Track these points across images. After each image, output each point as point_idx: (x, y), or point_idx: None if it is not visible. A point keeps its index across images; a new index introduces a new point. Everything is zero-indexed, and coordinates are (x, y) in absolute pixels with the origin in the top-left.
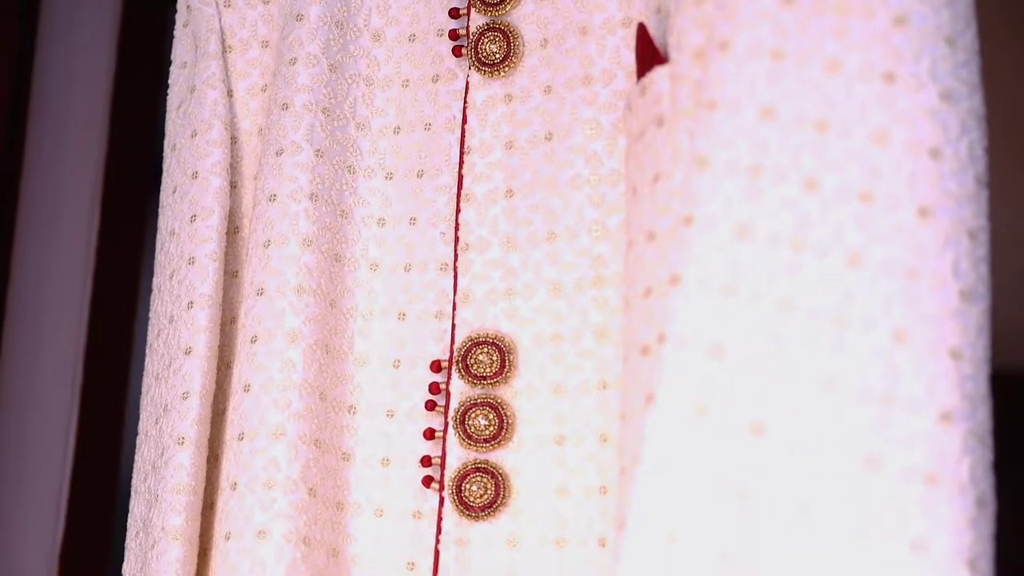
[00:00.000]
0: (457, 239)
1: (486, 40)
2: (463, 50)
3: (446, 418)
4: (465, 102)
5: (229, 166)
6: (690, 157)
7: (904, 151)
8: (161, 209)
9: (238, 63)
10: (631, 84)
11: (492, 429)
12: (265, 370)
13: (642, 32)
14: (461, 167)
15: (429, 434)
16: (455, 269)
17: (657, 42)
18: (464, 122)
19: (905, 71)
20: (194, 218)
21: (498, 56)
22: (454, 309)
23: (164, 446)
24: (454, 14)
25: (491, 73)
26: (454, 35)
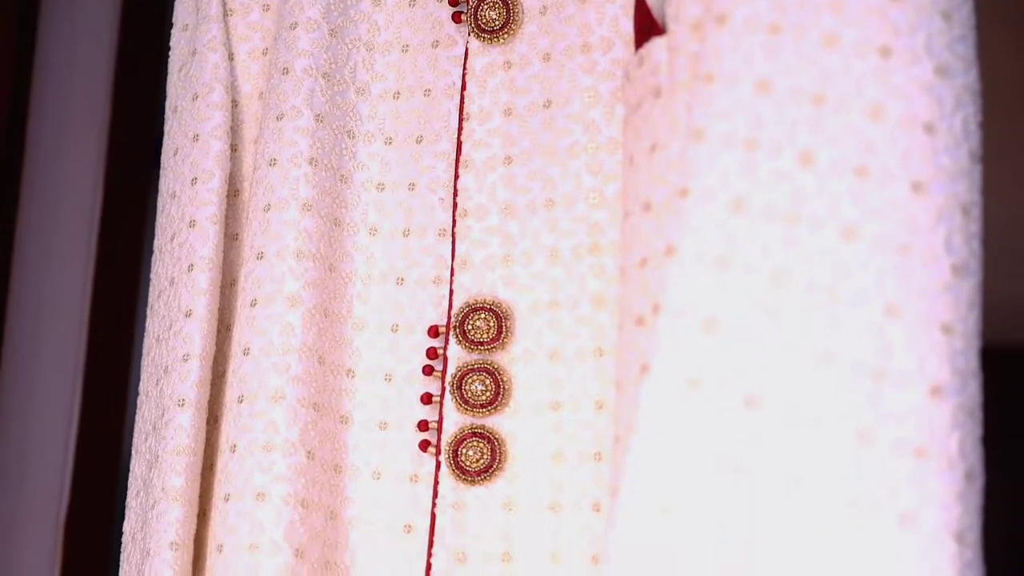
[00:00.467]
0: (455, 205)
1: (486, 6)
2: (463, 16)
3: (443, 383)
4: (464, 68)
5: (230, 129)
6: (687, 129)
7: (899, 126)
8: (162, 171)
9: (239, 26)
10: (629, 53)
11: (489, 394)
12: (265, 334)
13: (640, 2)
14: (460, 133)
15: (426, 399)
16: (453, 235)
17: (655, 12)
18: (463, 88)
19: (901, 45)
20: (195, 181)
21: (497, 23)
22: (452, 275)
23: (164, 407)
24: None
25: (490, 40)
26: (454, 1)
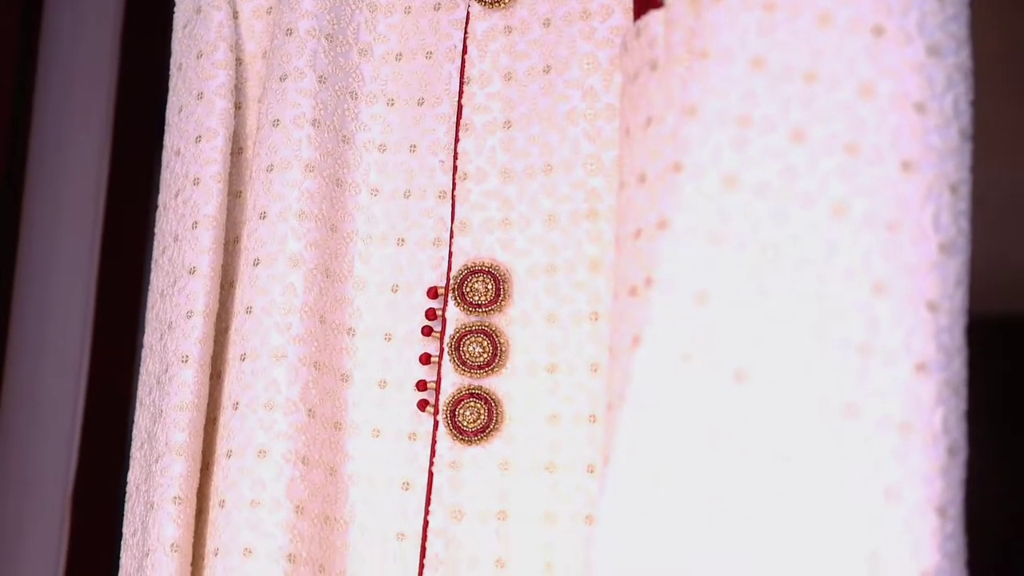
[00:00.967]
0: (455, 168)
1: None
2: None
3: (442, 344)
4: (466, 32)
5: (234, 88)
6: (681, 104)
7: (889, 104)
8: (167, 128)
9: None
10: (628, 21)
11: (486, 356)
12: (267, 293)
13: None
14: (460, 97)
15: (425, 359)
16: (453, 198)
17: None
18: (464, 52)
19: (894, 24)
20: (199, 139)
21: None
22: (451, 237)
23: (168, 363)
24: None
25: (491, 4)
26: None
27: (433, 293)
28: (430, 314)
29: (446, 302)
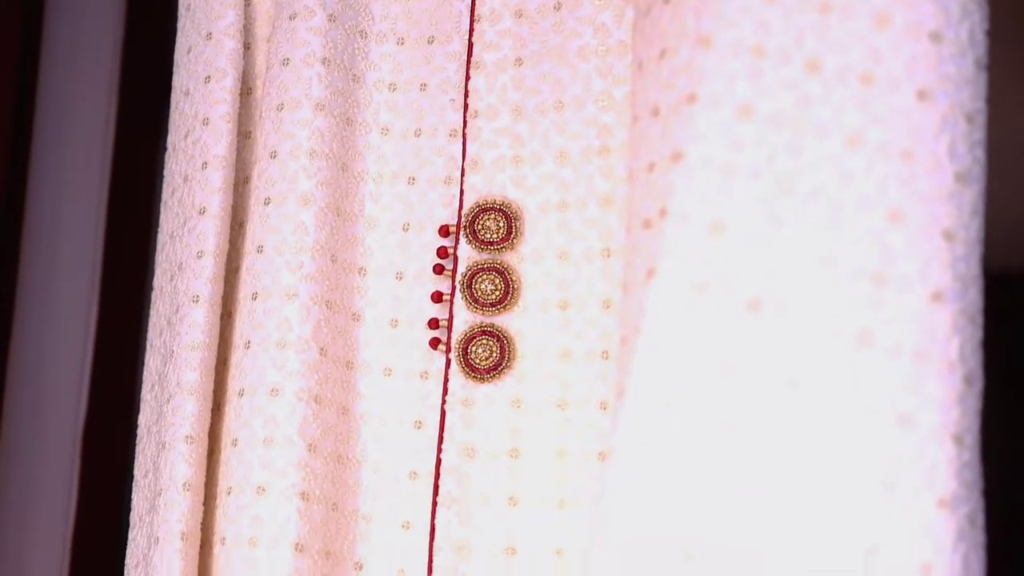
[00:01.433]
0: (466, 106)
1: None
2: None
3: (453, 282)
4: None
5: (243, 28)
6: (695, 35)
7: (904, 33)
8: (175, 69)
9: None
10: None
11: (498, 293)
12: (278, 232)
13: None
14: (471, 35)
15: (437, 297)
16: (464, 136)
17: None
18: None
19: None
20: (208, 79)
21: None
22: (463, 175)
23: (179, 303)
24: None
25: None
26: None
27: (444, 231)
28: (442, 252)
29: (457, 240)
